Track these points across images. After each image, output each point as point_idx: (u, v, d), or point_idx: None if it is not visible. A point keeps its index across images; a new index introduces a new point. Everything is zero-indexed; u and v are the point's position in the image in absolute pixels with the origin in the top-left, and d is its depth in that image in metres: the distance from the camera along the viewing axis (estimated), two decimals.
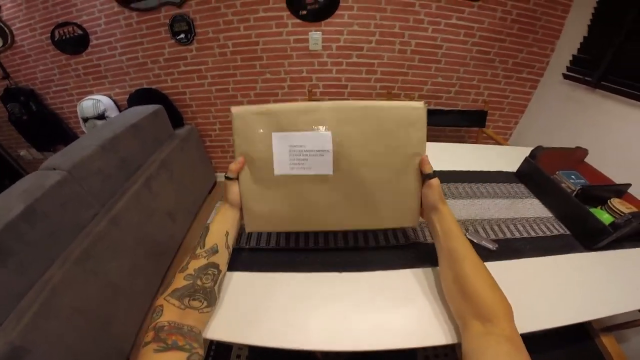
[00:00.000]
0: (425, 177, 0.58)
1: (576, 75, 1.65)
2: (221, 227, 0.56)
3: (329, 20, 1.70)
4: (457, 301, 0.49)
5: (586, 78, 1.58)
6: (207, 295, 0.48)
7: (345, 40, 1.77)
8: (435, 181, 0.57)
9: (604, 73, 1.47)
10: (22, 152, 2.54)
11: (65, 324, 0.97)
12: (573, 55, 1.67)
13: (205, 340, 0.48)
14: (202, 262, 0.50)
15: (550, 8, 1.68)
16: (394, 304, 0.57)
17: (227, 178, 0.58)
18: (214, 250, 0.53)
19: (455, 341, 0.50)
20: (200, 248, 0.52)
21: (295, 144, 0.57)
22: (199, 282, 0.48)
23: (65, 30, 1.81)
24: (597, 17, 1.53)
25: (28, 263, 0.93)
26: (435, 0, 1.64)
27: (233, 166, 0.57)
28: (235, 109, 0.57)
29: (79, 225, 1.13)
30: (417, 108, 0.58)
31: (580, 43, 1.63)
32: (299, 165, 0.58)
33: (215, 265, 0.51)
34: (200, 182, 2.15)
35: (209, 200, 2.25)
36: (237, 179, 0.58)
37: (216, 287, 0.51)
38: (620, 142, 1.42)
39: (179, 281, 0.47)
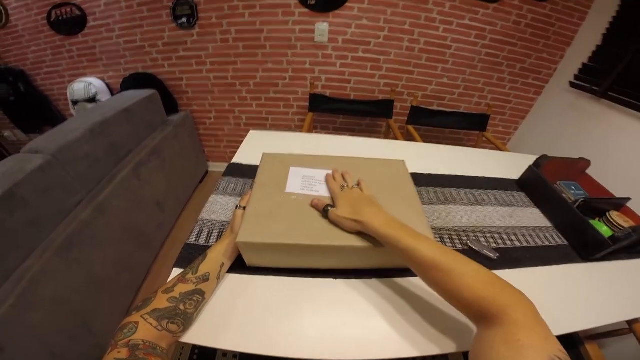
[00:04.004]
0: None
1: (584, 84, 1.65)
2: (219, 257, 0.55)
3: (337, 11, 1.66)
4: (451, 303, 0.45)
5: (594, 87, 1.57)
6: (185, 321, 0.46)
7: (352, 34, 1.73)
8: None
9: (613, 83, 1.47)
10: (6, 133, 2.46)
11: (44, 317, 0.93)
12: (583, 64, 1.67)
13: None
14: (190, 287, 0.48)
15: (567, 15, 1.67)
16: (392, 312, 0.56)
17: (237, 208, 0.60)
18: (205, 278, 0.51)
19: (455, 350, 0.50)
20: (192, 274, 0.50)
21: (307, 175, 0.68)
22: (181, 307, 0.46)
23: (63, 10, 1.75)
24: (613, 28, 1.53)
25: (6, 252, 0.88)
26: None
27: (245, 197, 0.62)
28: (266, 153, 0.74)
29: (62, 212, 1.08)
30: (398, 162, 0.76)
31: (593, 52, 1.62)
32: (308, 188, 0.65)
33: (202, 293, 0.49)
34: (191, 170, 2.11)
35: (200, 190, 2.22)
36: None
37: (196, 314, 0.49)
38: (621, 154, 1.43)
39: (161, 302, 0.45)
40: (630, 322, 0.77)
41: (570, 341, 0.91)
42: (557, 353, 0.31)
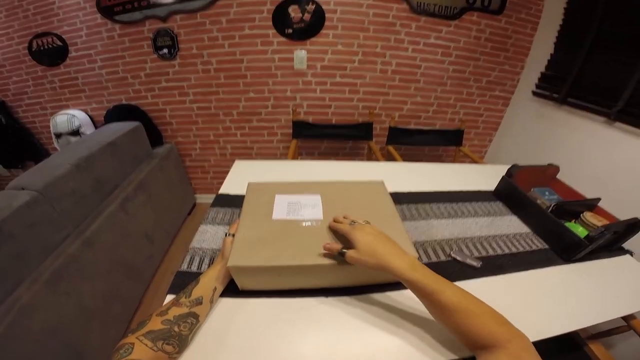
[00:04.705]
0: None
1: (544, 92, 1.74)
2: (211, 281, 0.56)
3: (314, 39, 1.73)
4: (458, 339, 0.48)
5: (554, 95, 1.65)
6: (181, 342, 0.47)
7: (329, 59, 1.80)
8: None
9: (570, 90, 1.55)
10: None
11: (35, 346, 0.92)
12: (541, 73, 1.76)
13: None
14: (184, 310, 0.50)
15: (521, 26, 1.79)
16: (386, 325, 0.57)
17: (227, 235, 0.62)
18: (198, 302, 0.52)
19: (453, 358, 0.51)
20: (186, 297, 0.52)
21: (293, 201, 0.71)
22: (175, 329, 0.47)
23: (44, 40, 1.74)
24: (561, 36, 1.63)
25: None
26: (415, 20, 1.71)
27: (234, 225, 0.64)
28: (252, 183, 0.78)
29: (50, 247, 1.07)
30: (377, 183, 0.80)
31: (548, 60, 1.72)
32: (293, 213, 0.67)
33: (196, 316, 0.51)
34: (179, 203, 2.09)
35: (189, 222, 2.19)
36: None
37: (191, 336, 0.50)
38: (587, 157, 1.49)
39: (156, 324, 0.46)
40: (626, 319, 0.77)
41: (572, 343, 0.91)
42: None
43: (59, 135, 1.91)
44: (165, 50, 1.75)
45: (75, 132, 1.90)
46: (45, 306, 0.97)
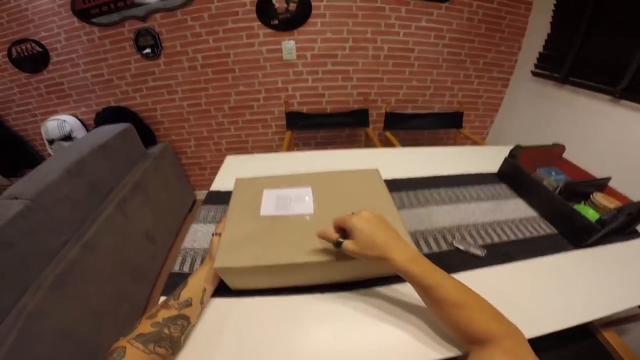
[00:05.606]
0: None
1: (544, 72, 1.70)
2: (200, 282, 0.55)
3: (301, 28, 1.70)
4: (452, 334, 0.48)
5: (554, 74, 1.62)
6: (173, 344, 0.46)
7: (319, 48, 1.76)
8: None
9: (571, 68, 1.51)
10: None
11: (51, 348, 0.94)
12: (539, 53, 1.72)
13: None
14: (173, 312, 0.49)
15: (514, 7, 1.74)
16: (384, 321, 0.55)
17: (214, 235, 0.61)
18: (188, 304, 0.51)
19: (451, 355, 0.49)
20: (174, 300, 0.51)
21: (282, 195, 0.68)
22: (166, 331, 0.46)
23: (23, 47, 1.72)
24: (557, 15, 1.58)
25: None
26: (405, 3, 1.67)
27: (221, 224, 0.62)
28: (239, 178, 0.75)
29: (50, 253, 1.08)
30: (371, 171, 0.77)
31: (545, 40, 1.68)
32: (283, 208, 0.64)
33: (186, 318, 0.50)
34: (178, 201, 2.09)
35: (190, 219, 2.17)
36: None
37: (182, 338, 0.49)
38: (593, 135, 1.45)
39: (145, 327, 0.45)
40: None
41: (585, 330, 0.87)
42: None
43: (51, 142, 1.90)
44: (149, 50, 1.73)
45: (68, 137, 1.88)
46: (54, 311, 0.99)
